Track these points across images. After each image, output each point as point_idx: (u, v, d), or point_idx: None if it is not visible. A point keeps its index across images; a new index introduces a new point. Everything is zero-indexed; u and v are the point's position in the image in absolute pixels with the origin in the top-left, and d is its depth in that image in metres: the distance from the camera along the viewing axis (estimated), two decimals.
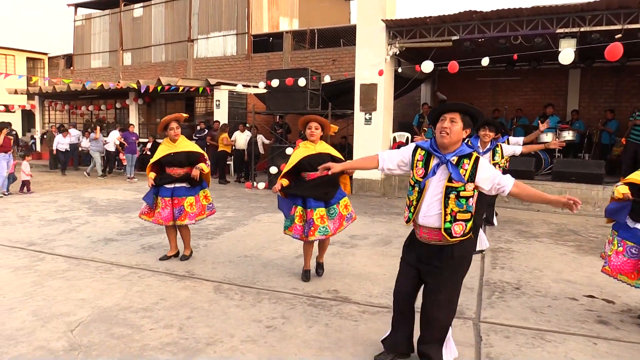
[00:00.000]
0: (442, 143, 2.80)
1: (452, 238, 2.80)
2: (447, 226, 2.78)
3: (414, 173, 2.90)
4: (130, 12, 21.93)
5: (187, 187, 5.36)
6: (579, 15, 8.89)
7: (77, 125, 19.19)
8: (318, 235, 4.51)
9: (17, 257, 5.52)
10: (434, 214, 2.81)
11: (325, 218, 4.55)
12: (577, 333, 3.66)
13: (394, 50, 10.67)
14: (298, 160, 4.57)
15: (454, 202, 2.77)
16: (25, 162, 11.23)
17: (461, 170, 2.77)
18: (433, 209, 2.82)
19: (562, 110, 13.22)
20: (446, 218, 2.78)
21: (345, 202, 4.73)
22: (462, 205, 2.78)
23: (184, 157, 5.32)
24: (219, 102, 14.97)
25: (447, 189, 2.78)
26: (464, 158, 2.80)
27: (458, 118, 2.77)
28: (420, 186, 2.86)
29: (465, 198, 2.78)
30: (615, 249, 3.91)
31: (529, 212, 9.23)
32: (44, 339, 3.39)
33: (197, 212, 5.39)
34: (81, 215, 8.11)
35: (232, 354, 3.24)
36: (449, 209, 2.78)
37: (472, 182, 2.78)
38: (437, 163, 2.82)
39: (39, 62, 27.82)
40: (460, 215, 2.79)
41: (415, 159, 2.91)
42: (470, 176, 2.77)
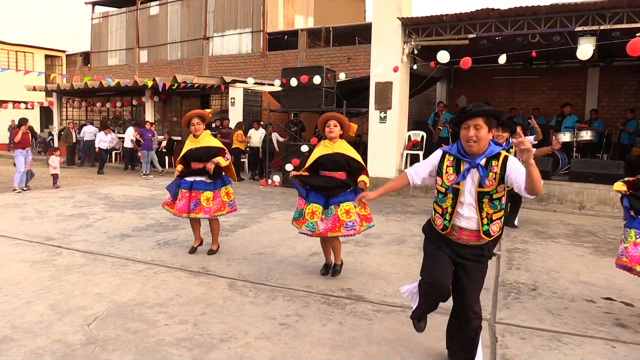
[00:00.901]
0: (471, 152, 2.77)
1: (489, 237, 2.84)
2: (485, 228, 2.81)
3: (444, 179, 2.86)
4: (147, 10, 22.10)
5: (205, 182, 5.42)
6: (598, 12, 8.75)
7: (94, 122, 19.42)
8: (305, 229, 4.52)
9: (35, 251, 5.60)
10: (473, 218, 2.81)
11: (316, 214, 4.51)
12: (595, 336, 3.61)
13: (409, 49, 10.61)
14: (314, 159, 4.58)
15: (488, 205, 2.79)
16: (53, 156, 11.39)
17: (490, 173, 2.74)
18: (472, 213, 2.81)
19: (580, 109, 13.03)
20: (483, 221, 2.80)
21: (348, 207, 4.51)
22: (496, 206, 2.81)
23: (203, 152, 5.41)
24: (233, 100, 15.03)
25: (479, 195, 2.78)
26: (493, 159, 2.76)
27: (482, 123, 2.71)
28: (454, 192, 2.83)
29: (498, 199, 2.80)
30: (633, 240, 3.88)
31: (545, 213, 9.13)
32: (61, 333, 3.44)
33: (215, 207, 5.43)
34: (98, 211, 8.20)
35: (246, 350, 3.25)
36: (484, 213, 2.79)
37: (503, 184, 2.76)
38: (468, 167, 2.78)
39: (57, 60, 28.15)
40: (496, 215, 2.82)
41: (444, 165, 2.87)
42: (501, 178, 2.74)
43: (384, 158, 11.03)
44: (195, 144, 5.44)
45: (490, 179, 2.74)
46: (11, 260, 5.19)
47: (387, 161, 11.00)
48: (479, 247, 2.88)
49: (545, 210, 9.43)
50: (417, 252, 5.81)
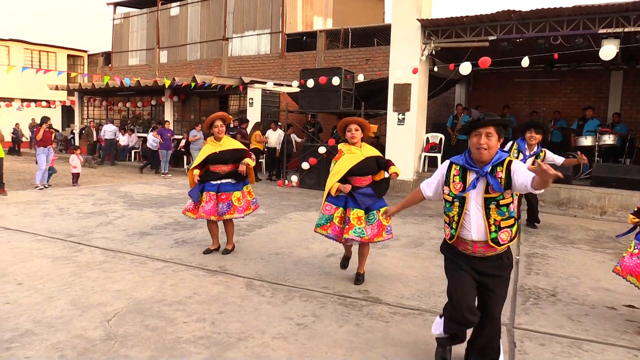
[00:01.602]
0: (481, 159, 2.79)
1: (499, 246, 2.82)
2: (494, 236, 2.80)
3: (451, 188, 2.90)
4: (167, 11, 22.34)
5: (232, 183, 5.43)
6: (623, 15, 8.60)
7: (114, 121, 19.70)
8: (352, 234, 4.39)
9: (57, 247, 5.69)
10: (481, 227, 2.82)
11: (362, 220, 4.46)
12: (616, 344, 3.54)
13: (429, 50, 10.56)
14: (349, 169, 4.50)
15: (495, 211, 2.79)
16: (73, 155, 11.56)
17: (496, 179, 2.78)
18: (480, 221, 2.82)
19: (602, 113, 12.82)
20: (491, 228, 2.80)
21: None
22: (504, 213, 2.80)
23: (229, 154, 5.41)
24: (252, 101, 15.10)
25: (485, 200, 2.80)
26: (498, 166, 2.79)
27: (493, 131, 2.75)
28: (460, 200, 2.86)
29: (505, 205, 2.79)
30: (631, 250, 3.93)
31: (566, 218, 8.99)
32: (81, 328, 3.49)
33: (244, 207, 5.47)
34: (117, 209, 8.31)
35: (263, 350, 3.26)
36: (491, 220, 2.80)
37: (510, 189, 2.77)
38: (476, 177, 2.81)
39: (78, 59, 28.64)
40: (504, 223, 2.81)
41: (451, 174, 2.91)
42: (506, 183, 2.76)
43: (401, 160, 10.95)
44: (218, 147, 5.41)
45: (497, 184, 2.77)
46: (33, 256, 5.28)
47: (405, 163, 10.93)
48: (497, 258, 2.87)
49: (565, 215, 9.30)
50: (434, 255, 5.77)
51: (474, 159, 2.83)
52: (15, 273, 4.69)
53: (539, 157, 5.63)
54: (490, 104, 13.97)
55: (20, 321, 3.57)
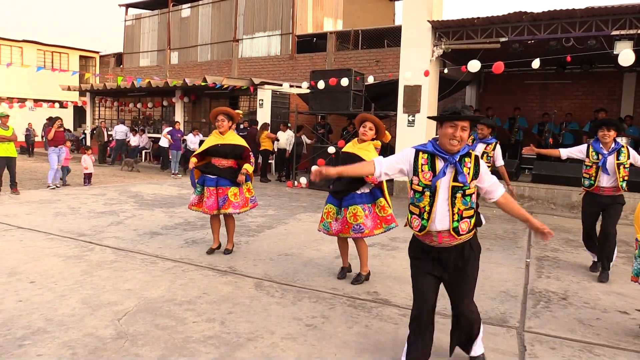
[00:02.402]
0: (452, 150, 2.79)
1: (459, 236, 2.82)
2: (455, 225, 2.80)
3: (420, 178, 2.84)
4: (179, 13, 22.47)
5: (229, 180, 5.47)
6: (636, 16, 8.51)
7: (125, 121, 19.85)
8: (321, 227, 4.77)
9: (68, 246, 5.75)
10: (446, 215, 2.80)
11: (330, 214, 4.68)
12: (628, 349, 3.51)
13: (439, 52, 10.52)
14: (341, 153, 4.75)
15: (460, 200, 2.79)
16: (85, 156, 11.66)
17: (464, 169, 2.80)
18: (445, 211, 2.80)
19: (615, 115, 12.66)
20: (454, 217, 2.79)
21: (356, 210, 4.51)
22: (467, 203, 2.81)
23: (229, 149, 5.47)
24: (262, 102, 15.14)
25: (453, 189, 2.79)
26: (465, 157, 2.83)
27: (468, 126, 2.77)
28: (431, 190, 2.82)
29: (469, 195, 2.81)
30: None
31: (577, 221, 8.86)
32: (92, 326, 3.52)
33: (241, 203, 5.50)
34: (128, 209, 8.37)
35: (272, 350, 3.27)
36: (456, 208, 2.79)
37: (476, 180, 2.83)
38: (446, 164, 2.80)
39: (90, 60, 28.90)
40: (466, 213, 2.82)
41: (419, 164, 2.85)
42: (474, 174, 2.82)
43: None
44: (221, 140, 5.47)
45: (465, 174, 2.79)
46: (45, 255, 5.34)
47: None
48: (462, 246, 2.87)
49: (576, 218, 9.18)
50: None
51: (442, 148, 2.82)
52: (27, 271, 4.74)
53: (622, 152, 5.29)
54: (501, 106, 13.90)
55: (33, 319, 3.61)
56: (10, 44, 25.22)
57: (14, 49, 25.45)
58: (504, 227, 7.78)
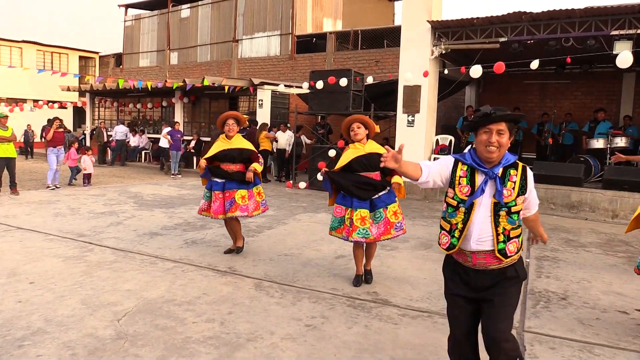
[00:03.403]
0: (490, 158, 2.45)
1: (506, 258, 2.48)
2: (501, 247, 2.46)
3: (457, 191, 2.52)
4: (178, 13, 22.48)
5: (238, 182, 5.42)
6: (636, 16, 8.52)
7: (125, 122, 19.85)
8: (357, 236, 4.42)
9: (68, 247, 5.75)
10: (487, 236, 2.47)
11: (366, 220, 4.45)
12: (628, 348, 3.51)
13: (439, 52, 10.53)
14: (348, 162, 4.50)
15: (505, 219, 2.46)
16: (84, 156, 11.65)
17: (509, 183, 2.46)
18: (486, 230, 2.47)
19: (614, 115, 12.69)
20: (499, 238, 2.45)
21: (395, 209, 4.54)
22: (514, 222, 2.48)
23: (237, 153, 5.43)
24: (261, 102, 15.14)
25: (495, 206, 2.45)
26: (510, 168, 2.48)
27: (505, 128, 2.43)
28: (466, 206, 2.49)
29: (516, 213, 2.48)
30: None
31: (577, 221, 8.92)
32: (92, 327, 3.52)
33: (252, 207, 5.45)
34: (127, 209, 8.37)
35: (272, 350, 3.27)
36: (500, 228, 2.45)
37: (523, 195, 2.48)
38: (485, 179, 2.47)
39: (90, 61, 28.89)
40: (514, 232, 2.49)
41: (457, 175, 2.53)
42: (521, 188, 2.47)
43: None
44: (229, 145, 5.43)
45: (509, 188, 2.45)
46: (45, 255, 5.34)
47: None
48: (500, 271, 2.51)
49: (576, 218, 9.22)
50: (443, 257, 5.74)
51: (481, 158, 2.49)
52: (27, 272, 4.73)
53: None
54: (501, 105, 13.85)
55: (32, 320, 3.61)
56: (9, 45, 25.22)
57: (13, 50, 25.44)
58: None
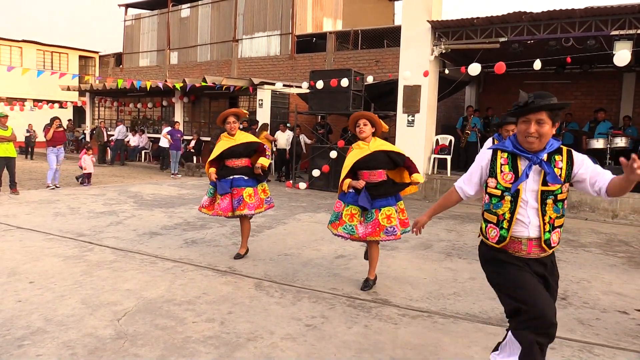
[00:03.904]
0: (531, 149, 2.39)
1: (550, 249, 2.45)
2: (547, 236, 2.42)
3: (499, 180, 2.46)
4: (178, 13, 22.48)
5: (245, 178, 5.36)
6: (636, 16, 8.52)
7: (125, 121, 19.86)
8: (341, 230, 4.45)
9: (68, 247, 5.74)
10: (536, 224, 2.42)
11: (355, 217, 4.43)
12: (628, 348, 3.50)
13: (439, 52, 10.53)
14: (353, 164, 4.46)
15: (551, 207, 2.40)
16: (85, 156, 11.65)
17: (555, 169, 2.39)
18: (534, 218, 2.42)
19: (614, 115, 12.70)
20: (545, 227, 2.41)
21: (389, 212, 4.38)
22: (559, 210, 2.43)
23: (242, 148, 5.37)
24: (261, 102, 15.15)
25: (542, 194, 2.39)
26: (555, 154, 2.41)
27: (546, 117, 2.33)
28: (513, 194, 2.43)
29: (562, 201, 2.42)
30: None
31: (577, 221, 8.92)
32: (92, 327, 3.52)
33: (256, 204, 5.36)
34: (127, 209, 8.37)
35: (272, 350, 3.27)
36: (547, 217, 2.40)
37: (568, 182, 2.42)
38: (529, 164, 2.40)
39: (90, 60, 28.90)
40: (558, 222, 2.45)
41: (498, 164, 2.48)
42: (567, 175, 2.40)
43: None
44: (232, 142, 5.36)
45: (555, 174, 2.38)
46: (45, 255, 5.33)
47: None
48: (549, 260, 2.50)
49: (576, 218, 9.22)
50: (443, 257, 5.75)
51: (522, 145, 2.43)
52: (27, 272, 4.73)
53: None
54: (501, 106, 13.89)
55: (32, 319, 3.61)
56: (9, 44, 25.21)
57: (13, 49, 25.43)
58: None
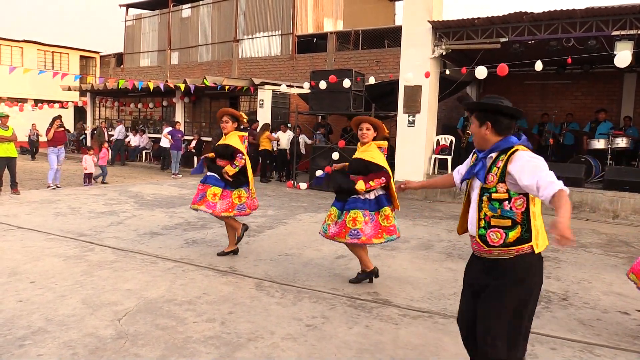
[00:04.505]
0: (478, 147, 2.57)
1: (487, 247, 2.42)
2: (481, 232, 2.44)
3: None
4: (179, 13, 22.48)
5: (217, 177, 5.46)
6: (637, 16, 8.51)
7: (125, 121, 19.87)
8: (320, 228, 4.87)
9: (69, 246, 5.75)
10: (474, 219, 2.50)
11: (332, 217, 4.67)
12: (629, 349, 3.51)
13: (439, 52, 10.53)
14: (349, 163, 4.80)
15: (486, 205, 2.43)
16: (86, 156, 11.66)
17: (494, 168, 2.42)
18: (473, 213, 2.51)
19: (615, 115, 12.67)
20: (480, 223, 2.45)
21: (355, 215, 4.43)
22: (496, 210, 2.40)
23: (222, 148, 5.51)
24: (262, 102, 15.15)
25: (481, 191, 2.46)
26: (502, 154, 2.42)
27: (473, 118, 2.50)
28: (463, 188, 2.64)
29: (498, 201, 2.39)
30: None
31: (578, 221, 8.91)
32: (92, 327, 3.52)
33: (223, 207, 5.34)
34: (128, 209, 8.37)
35: (272, 350, 3.27)
36: (482, 213, 2.44)
37: (503, 182, 2.38)
38: (475, 162, 2.54)
39: (91, 60, 28.90)
40: (495, 222, 2.40)
41: (471, 161, 2.65)
42: (501, 175, 2.38)
43: (411, 162, 10.96)
44: (222, 141, 5.57)
45: (493, 174, 2.41)
46: (46, 255, 5.34)
47: (415, 165, 10.92)
48: (494, 263, 2.44)
49: (577, 218, 9.21)
50: (444, 257, 5.75)
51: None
52: (27, 272, 4.74)
53: None
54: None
55: (33, 319, 3.61)
56: (10, 44, 25.22)
57: (14, 49, 25.44)
58: None
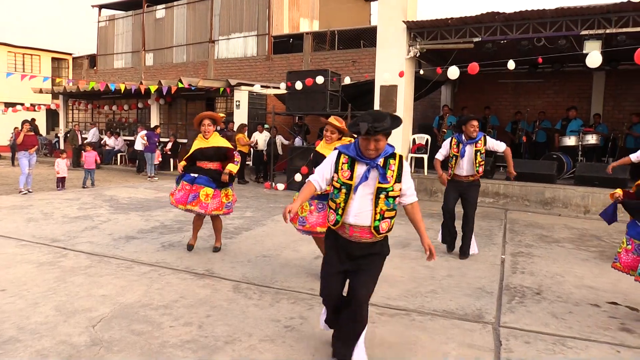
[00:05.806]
0: (370, 157, 2.93)
1: (379, 234, 2.98)
2: (376, 224, 2.96)
3: (339, 176, 3.00)
4: (153, 14, 22.22)
5: (207, 179, 5.54)
6: (604, 16, 8.73)
7: (99, 124, 19.55)
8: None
9: (41, 252, 5.63)
10: (365, 213, 2.95)
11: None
12: (599, 340, 3.60)
13: (414, 52, 10.62)
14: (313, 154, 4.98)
15: (383, 201, 2.94)
16: (58, 159, 11.42)
17: (388, 171, 2.94)
18: (365, 208, 2.95)
19: (585, 113, 12.98)
20: (376, 217, 2.95)
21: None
22: (390, 204, 2.97)
23: (212, 151, 5.58)
24: (239, 103, 15.07)
25: (377, 190, 2.93)
26: (390, 159, 2.96)
27: (381, 137, 2.86)
28: (347, 188, 2.97)
29: (393, 197, 2.97)
30: (625, 246, 4.17)
31: (551, 217, 9.10)
32: (66, 334, 3.45)
33: (214, 206, 5.55)
34: (103, 213, 8.24)
35: (250, 352, 3.26)
36: (378, 208, 2.94)
37: (399, 183, 2.97)
38: (368, 168, 2.93)
39: (63, 62, 28.34)
40: (388, 214, 2.98)
41: (340, 162, 3.02)
42: (398, 176, 2.96)
43: None
44: (204, 144, 5.58)
45: (389, 176, 2.93)
46: (17, 262, 5.22)
47: None
48: (371, 244, 3.01)
49: (549, 214, 9.40)
50: (421, 255, 5.80)
51: (363, 154, 2.95)
52: None
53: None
54: (476, 105, 14.08)
55: (4, 328, 3.53)
56: None
57: None
58: (480, 225, 7.88)
